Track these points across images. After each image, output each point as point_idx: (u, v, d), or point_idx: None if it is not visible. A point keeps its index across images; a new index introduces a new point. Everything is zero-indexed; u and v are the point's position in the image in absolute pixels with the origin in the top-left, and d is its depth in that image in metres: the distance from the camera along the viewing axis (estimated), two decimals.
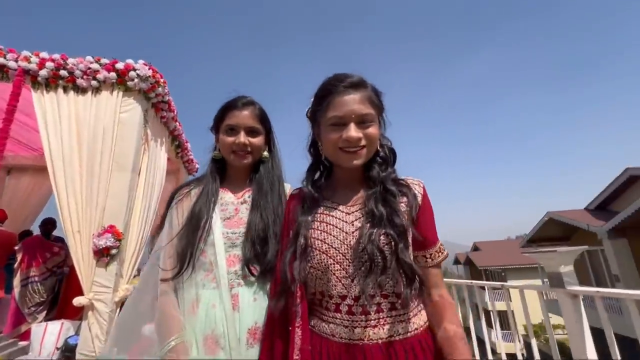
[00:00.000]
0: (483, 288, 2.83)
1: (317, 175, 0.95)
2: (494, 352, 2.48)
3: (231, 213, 1.01)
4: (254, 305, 0.90)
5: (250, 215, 0.99)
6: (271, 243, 0.94)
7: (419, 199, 0.85)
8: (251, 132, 1.03)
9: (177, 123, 3.71)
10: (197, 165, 5.09)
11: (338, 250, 0.79)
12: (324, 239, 0.81)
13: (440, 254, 0.85)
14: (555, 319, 11.29)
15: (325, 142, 0.86)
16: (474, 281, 2.45)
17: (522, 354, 2.01)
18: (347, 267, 0.77)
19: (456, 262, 28.35)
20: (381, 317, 0.75)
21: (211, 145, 1.12)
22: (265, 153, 1.09)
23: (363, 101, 0.81)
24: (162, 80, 2.96)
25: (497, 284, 2.23)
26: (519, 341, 2.14)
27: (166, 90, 3.10)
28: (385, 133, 0.91)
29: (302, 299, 0.80)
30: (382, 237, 0.76)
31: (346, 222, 0.83)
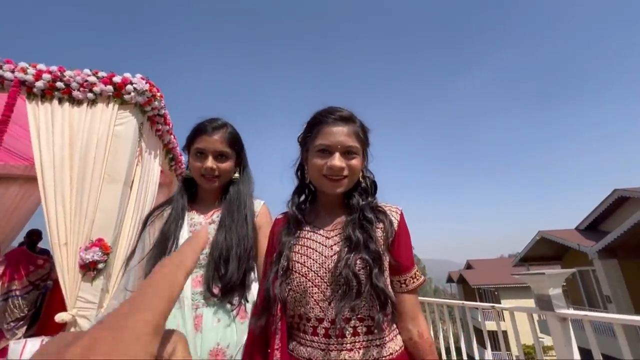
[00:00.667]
0: (476, 308, 2.82)
1: (302, 198, 0.99)
2: None
3: None
4: (216, 326, 0.91)
5: (215, 236, 1.00)
6: (232, 264, 0.95)
7: (395, 225, 0.88)
8: (220, 156, 1.05)
9: (172, 136, 3.72)
10: None
11: (317, 274, 0.82)
12: (304, 262, 0.85)
13: (415, 280, 0.86)
14: (548, 340, 11.19)
15: (311, 167, 0.91)
16: (465, 302, 2.44)
17: None
18: (324, 291, 0.80)
19: (449, 280, 28.20)
20: (357, 340, 0.77)
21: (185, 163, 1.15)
22: (236, 174, 1.11)
23: (350, 134, 0.87)
24: (158, 94, 2.99)
25: (487, 305, 2.23)
26: None
27: (162, 104, 3.12)
28: (369, 166, 0.96)
29: (281, 318, 0.82)
30: (358, 262, 0.79)
31: (326, 246, 0.86)
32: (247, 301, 0.99)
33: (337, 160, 0.85)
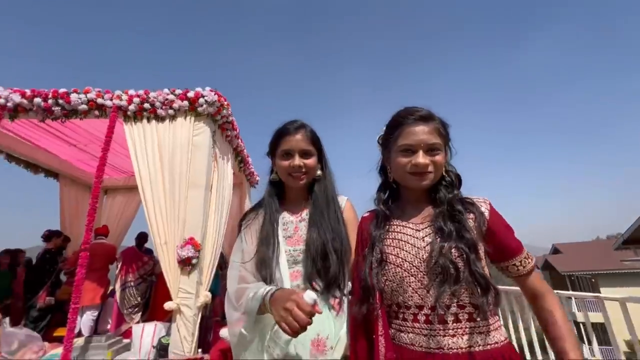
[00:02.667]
0: (569, 297, 2.51)
1: (385, 196, 1.04)
2: None
3: (292, 232, 1.09)
4: (316, 318, 0.91)
5: (308, 232, 1.06)
6: (332, 258, 0.99)
7: (486, 214, 0.89)
8: (305, 154, 1.09)
9: (240, 140, 4.01)
10: (257, 178, 5.42)
11: (412, 264, 0.85)
12: (397, 253, 0.89)
13: (529, 260, 0.88)
14: None
15: (395, 166, 0.95)
16: (560, 291, 2.19)
17: None
18: (421, 279, 0.83)
19: None
20: (459, 327, 0.79)
21: (268, 168, 1.21)
22: (319, 172, 1.14)
23: (431, 132, 0.90)
24: (226, 102, 3.24)
25: (590, 295, 1.97)
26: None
27: (230, 112, 3.38)
28: (451, 161, 0.98)
29: (381, 306, 0.87)
30: (453, 251, 0.81)
31: (417, 238, 0.89)
32: (346, 295, 1.01)
33: (421, 158, 0.88)
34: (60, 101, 3.05)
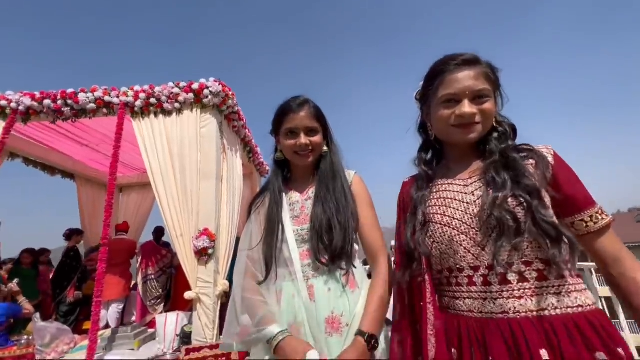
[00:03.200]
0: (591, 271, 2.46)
1: (428, 157, 0.95)
2: None
3: (298, 211, 1.07)
4: (328, 295, 0.94)
5: (313, 209, 1.03)
6: (336, 232, 0.97)
7: (550, 159, 0.76)
8: (310, 131, 1.06)
9: (247, 130, 3.99)
10: (267, 167, 5.44)
11: (461, 221, 0.76)
12: (444, 212, 0.80)
13: (601, 216, 0.73)
14: None
15: (436, 120, 0.84)
16: (582, 263, 2.14)
17: None
18: (474, 237, 0.73)
19: None
20: (527, 287, 0.68)
21: (272, 147, 1.18)
22: (325, 148, 1.11)
23: (477, 77, 0.78)
24: (230, 92, 3.22)
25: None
26: None
27: (235, 102, 3.36)
28: (503, 110, 0.86)
29: (428, 270, 0.80)
30: (510, 200, 0.70)
31: (465, 193, 0.79)
32: (355, 267, 1.01)
33: (467, 107, 0.77)
34: (69, 101, 3.09)
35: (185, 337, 2.89)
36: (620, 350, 0.61)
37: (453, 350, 0.72)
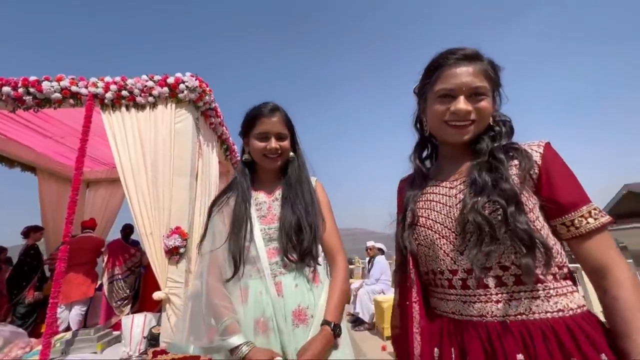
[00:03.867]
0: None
1: (424, 154, 0.94)
2: None
3: (265, 211, 1.11)
4: (295, 290, 1.01)
5: (281, 210, 1.09)
6: (306, 233, 1.04)
7: (536, 157, 0.72)
8: (280, 136, 1.11)
9: (224, 127, 3.92)
10: None
11: (443, 225, 0.76)
12: (428, 215, 0.80)
13: (587, 219, 0.67)
14: None
15: (431, 115, 0.82)
16: None
17: None
18: (453, 241, 0.73)
19: None
20: (504, 291, 0.67)
21: (240, 148, 1.23)
22: (292, 153, 1.17)
23: (476, 73, 0.75)
24: (207, 88, 3.14)
25: (571, 266, 2.04)
26: None
27: (212, 98, 3.29)
28: (501, 109, 0.84)
29: (415, 270, 0.81)
30: (487, 205, 0.69)
31: (449, 196, 0.79)
32: (320, 264, 1.10)
33: (462, 104, 0.74)
34: (32, 90, 2.90)
35: (152, 339, 2.79)
36: (603, 356, 0.59)
37: (436, 349, 0.74)
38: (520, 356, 0.62)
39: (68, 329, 3.52)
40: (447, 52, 0.79)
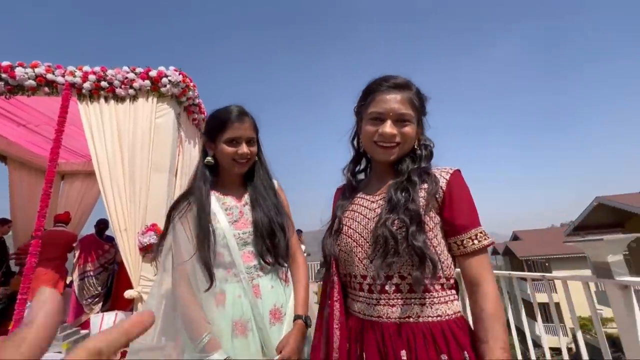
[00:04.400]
0: (524, 279, 2.70)
1: (359, 168, 1.03)
2: (536, 345, 2.37)
3: (237, 216, 1.11)
4: (272, 291, 1.06)
5: (253, 214, 1.11)
6: (278, 234, 1.08)
7: (442, 184, 0.83)
8: (250, 141, 1.12)
9: None
10: None
11: (361, 235, 0.86)
12: (350, 224, 0.90)
13: (474, 241, 0.78)
14: (607, 311, 10.51)
15: (363, 135, 0.92)
16: (512, 272, 2.35)
17: (570, 348, 1.91)
18: (367, 250, 0.83)
19: (494, 252, 27.16)
20: (399, 297, 0.78)
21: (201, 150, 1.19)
22: (256, 157, 1.18)
23: (403, 102, 0.85)
24: (191, 84, 3.09)
25: (537, 275, 2.12)
26: (564, 335, 2.03)
27: (196, 94, 3.23)
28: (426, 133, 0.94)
29: (335, 273, 0.89)
30: (396, 222, 0.79)
31: (370, 209, 0.88)
32: (286, 266, 1.15)
33: (388, 128, 0.84)
34: (4, 75, 2.77)
35: None
36: (465, 353, 0.71)
37: (347, 344, 0.83)
38: (403, 352, 0.73)
39: None
40: (382, 79, 0.89)
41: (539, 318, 2.09)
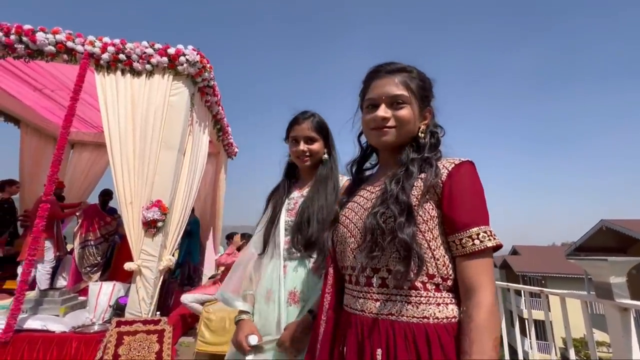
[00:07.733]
0: (519, 294, 2.68)
1: (364, 163, 1.01)
2: None
3: (292, 205, 1.28)
4: (295, 274, 1.17)
5: (300, 204, 1.24)
6: (313, 225, 1.16)
7: (443, 175, 0.75)
8: (309, 140, 1.27)
9: (220, 107, 3.87)
10: (236, 149, 5.29)
11: (355, 225, 0.83)
12: (347, 215, 0.88)
13: (474, 240, 0.69)
14: (599, 336, 10.45)
15: (362, 125, 0.90)
16: (510, 284, 2.34)
17: None
18: (359, 241, 0.80)
19: None
20: (384, 292, 0.74)
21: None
22: (325, 155, 1.30)
23: (397, 84, 0.81)
24: (208, 65, 3.09)
25: (536, 289, 2.11)
26: (556, 354, 2.02)
27: (212, 76, 3.24)
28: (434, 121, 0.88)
29: (333, 263, 0.89)
30: (385, 213, 0.74)
31: (367, 199, 0.86)
32: (314, 257, 1.22)
33: (381, 111, 0.81)
34: (25, 39, 2.79)
35: (118, 309, 2.76)
36: None
37: (333, 338, 0.83)
38: (379, 351, 0.69)
39: (32, 288, 3.43)
40: (379, 66, 0.86)
41: (532, 334, 2.08)
